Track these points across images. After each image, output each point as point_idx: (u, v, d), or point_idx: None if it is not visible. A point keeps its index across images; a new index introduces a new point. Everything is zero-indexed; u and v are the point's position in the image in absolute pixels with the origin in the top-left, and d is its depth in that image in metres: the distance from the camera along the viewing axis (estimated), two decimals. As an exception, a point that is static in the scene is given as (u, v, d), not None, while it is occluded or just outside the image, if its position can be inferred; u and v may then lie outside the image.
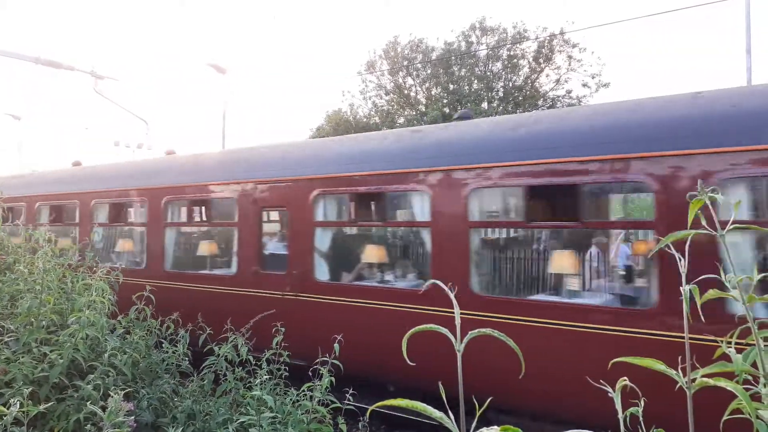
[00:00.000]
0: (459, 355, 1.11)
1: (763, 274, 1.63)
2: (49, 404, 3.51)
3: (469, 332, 1.13)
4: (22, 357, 4.25)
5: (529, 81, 32.73)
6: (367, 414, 1.51)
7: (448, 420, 1.05)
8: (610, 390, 1.34)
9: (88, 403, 3.73)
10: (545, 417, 5.52)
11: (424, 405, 1.09)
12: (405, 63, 33.48)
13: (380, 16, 66.64)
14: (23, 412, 3.01)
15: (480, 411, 1.10)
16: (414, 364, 1.58)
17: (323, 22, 79.46)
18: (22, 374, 4.03)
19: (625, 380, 1.32)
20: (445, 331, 1.13)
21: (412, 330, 1.23)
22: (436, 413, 1.06)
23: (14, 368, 4.07)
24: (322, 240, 7.76)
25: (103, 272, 5.68)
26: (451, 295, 1.17)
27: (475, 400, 1.14)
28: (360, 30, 75.90)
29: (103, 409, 3.35)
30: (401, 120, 33.64)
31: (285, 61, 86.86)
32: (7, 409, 2.91)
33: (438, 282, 1.38)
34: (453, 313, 1.20)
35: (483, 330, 1.16)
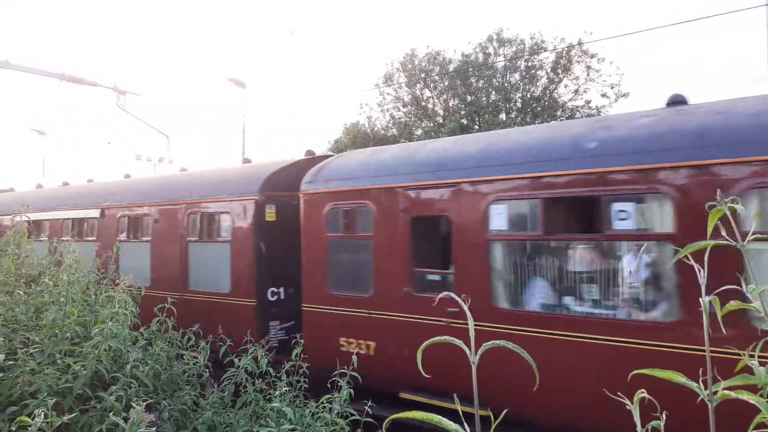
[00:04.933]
0: (474, 368, 1.11)
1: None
2: (73, 415, 3.56)
3: (483, 345, 1.14)
4: (47, 368, 4.31)
5: (548, 91, 32.59)
6: (384, 426, 1.51)
7: (463, 432, 1.05)
8: (627, 402, 1.33)
9: (110, 414, 3.77)
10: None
11: (440, 417, 1.10)
12: (422, 75, 33.58)
13: (390, 25, 67.11)
14: (47, 422, 3.05)
15: (495, 423, 1.10)
16: (429, 376, 1.58)
17: (340, 35, 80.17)
18: (46, 385, 4.10)
19: (643, 392, 1.31)
20: (459, 342, 1.14)
21: (428, 342, 1.24)
22: (452, 425, 1.07)
23: (39, 379, 4.14)
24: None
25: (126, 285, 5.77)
26: (465, 307, 1.18)
27: (490, 412, 1.14)
28: (378, 43, 76.38)
29: (125, 420, 3.39)
30: (419, 132, 33.68)
31: (303, 75, 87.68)
32: (32, 419, 2.96)
33: (452, 294, 1.39)
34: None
35: (497, 342, 1.16)
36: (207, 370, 5.46)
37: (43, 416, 2.98)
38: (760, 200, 4.84)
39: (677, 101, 5.95)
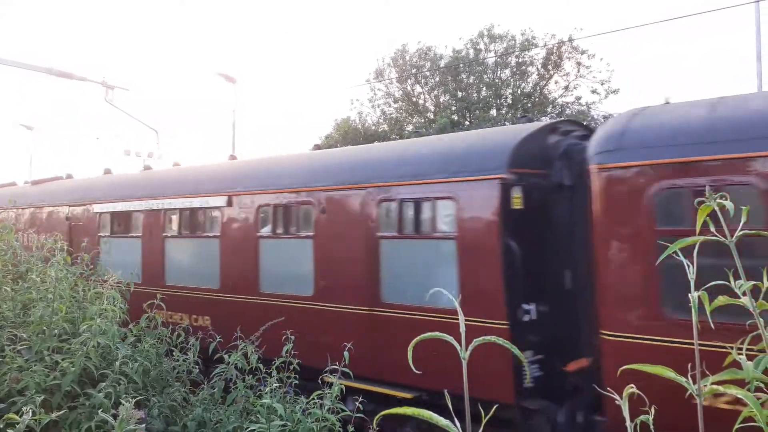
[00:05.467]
0: (464, 363, 1.11)
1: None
2: (61, 412, 3.53)
3: (474, 339, 1.14)
4: (35, 365, 4.28)
5: (538, 88, 32.66)
6: (375, 422, 1.51)
7: (454, 427, 1.05)
8: (617, 397, 1.34)
9: (99, 411, 3.75)
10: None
11: (430, 413, 1.10)
12: (413, 71, 33.55)
13: (389, 25, 67.01)
14: (35, 420, 3.03)
15: (486, 418, 1.10)
16: (419, 372, 1.58)
17: (331, 30, 79.94)
18: (34, 382, 4.07)
19: (632, 387, 1.32)
20: (450, 339, 1.14)
21: (418, 338, 1.24)
22: (442, 421, 1.07)
23: (27, 376, 4.11)
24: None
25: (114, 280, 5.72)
26: (456, 303, 1.18)
27: (480, 408, 1.14)
28: (369, 38, 76.30)
29: (114, 417, 3.37)
30: (410, 127, 33.68)
31: (294, 70, 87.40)
32: (20, 417, 2.94)
33: (441, 290, 1.38)
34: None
35: (488, 338, 1.16)
36: (196, 367, 5.44)
37: (31, 414, 2.95)
38: None
39: None
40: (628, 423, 1.30)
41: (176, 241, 9.67)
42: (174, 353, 5.48)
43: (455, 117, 31.16)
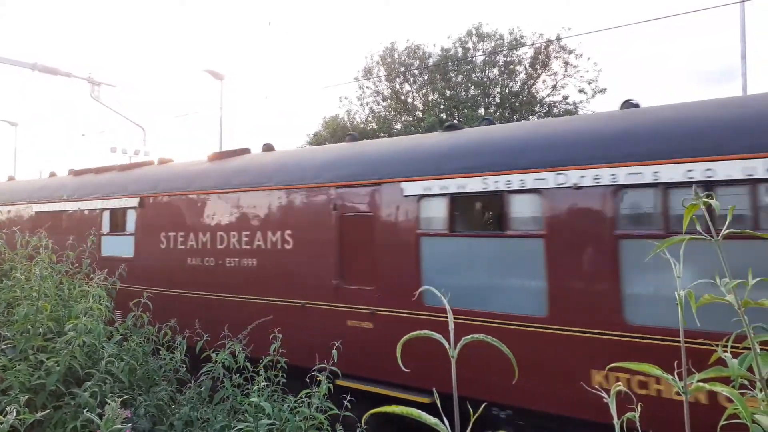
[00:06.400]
0: (453, 362, 1.11)
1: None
2: (46, 412, 3.50)
3: (463, 338, 1.14)
4: (19, 364, 4.24)
5: (526, 87, 32.79)
6: (363, 420, 1.51)
7: (442, 426, 1.05)
8: (605, 395, 1.35)
9: (84, 410, 3.72)
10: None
11: (419, 411, 1.10)
12: (402, 69, 33.57)
13: (377, 22, 66.88)
14: (20, 419, 3.00)
15: (474, 417, 1.10)
16: (408, 371, 1.58)
17: (320, 28, 79.68)
18: (18, 382, 4.02)
19: (619, 385, 1.33)
20: (438, 336, 1.14)
21: (407, 336, 1.24)
22: (431, 419, 1.07)
23: (11, 376, 4.06)
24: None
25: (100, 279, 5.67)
26: (445, 301, 1.18)
27: (469, 406, 1.14)
28: (357, 35, 76.12)
29: (100, 416, 3.34)
30: (398, 126, 33.69)
31: (282, 68, 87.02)
32: (4, 417, 2.90)
33: (432, 288, 1.39)
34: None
35: (476, 336, 1.16)
36: (184, 365, 5.41)
37: (15, 413, 2.92)
38: None
39: None
40: (615, 421, 1.30)
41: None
42: (161, 352, 5.44)
43: (443, 116, 31.20)
